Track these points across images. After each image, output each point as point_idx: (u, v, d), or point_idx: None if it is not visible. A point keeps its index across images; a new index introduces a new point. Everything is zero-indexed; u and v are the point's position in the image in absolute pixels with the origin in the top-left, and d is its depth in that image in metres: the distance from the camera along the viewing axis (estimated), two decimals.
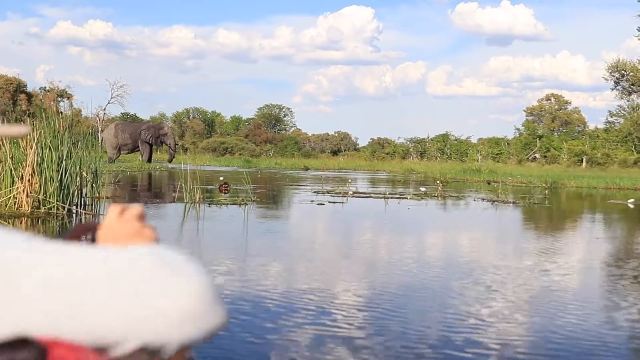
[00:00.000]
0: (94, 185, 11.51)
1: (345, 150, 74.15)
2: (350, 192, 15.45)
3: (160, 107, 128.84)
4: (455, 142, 68.00)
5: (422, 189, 16.39)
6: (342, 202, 13.04)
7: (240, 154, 59.36)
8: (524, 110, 73.40)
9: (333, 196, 14.94)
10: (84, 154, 10.13)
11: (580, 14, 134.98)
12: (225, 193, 15.54)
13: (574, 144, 59.69)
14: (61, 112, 13.08)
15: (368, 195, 15.60)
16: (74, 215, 9.08)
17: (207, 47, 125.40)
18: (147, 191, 16.99)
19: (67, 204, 8.89)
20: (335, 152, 73.25)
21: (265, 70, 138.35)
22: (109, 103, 58.50)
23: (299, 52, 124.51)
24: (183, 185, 11.40)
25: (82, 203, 10.08)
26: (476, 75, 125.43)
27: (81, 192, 10.15)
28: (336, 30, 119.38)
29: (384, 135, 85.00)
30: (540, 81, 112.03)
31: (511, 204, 14.71)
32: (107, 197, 11.80)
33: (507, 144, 65.98)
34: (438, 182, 23.39)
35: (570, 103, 72.23)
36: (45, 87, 58.39)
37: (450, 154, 64.76)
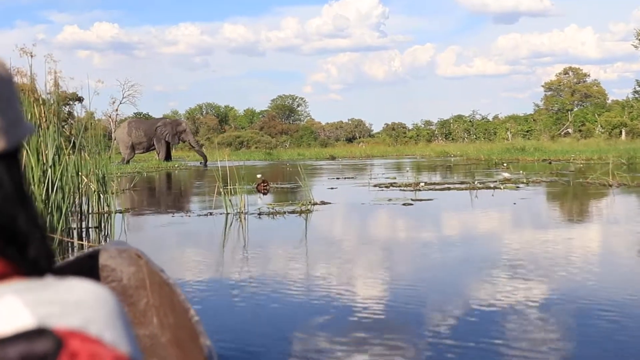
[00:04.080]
0: (101, 195, 8.56)
1: (360, 137, 71.95)
2: (422, 184, 12.32)
3: (172, 105, 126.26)
4: (482, 121, 64.94)
5: (505, 174, 13.22)
6: (429, 199, 9.87)
7: (256, 147, 57.31)
8: (542, 86, 71.14)
9: (403, 190, 11.82)
10: (81, 156, 7.10)
11: None
12: (264, 194, 12.53)
13: (611, 115, 56.12)
14: (74, 116, 10.05)
15: (444, 186, 12.44)
16: (70, 249, 5.97)
17: (214, 42, 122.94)
18: (170, 196, 13.90)
19: (58, 232, 5.81)
20: (350, 140, 71.20)
21: (273, 62, 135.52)
22: (121, 103, 55.89)
23: (306, 42, 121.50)
24: (221, 189, 8.33)
25: (84, 226, 7.07)
26: (485, 55, 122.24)
27: (81, 211, 7.12)
28: (342, 18, 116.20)
29: (398, 119, 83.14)
30: (550, 56, 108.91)
31: (636, 187, 11.51)
32: (119, 211, 8.79)
33: (534, 120, 62.83)
34: (505, 164, 20.28)
35: (589, 76, 69.14)
36: (57, 91, 55.56)
37: (478, 134, 61.64)
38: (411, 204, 9.12)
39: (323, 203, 9.45)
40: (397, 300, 3.78)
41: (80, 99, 53.40)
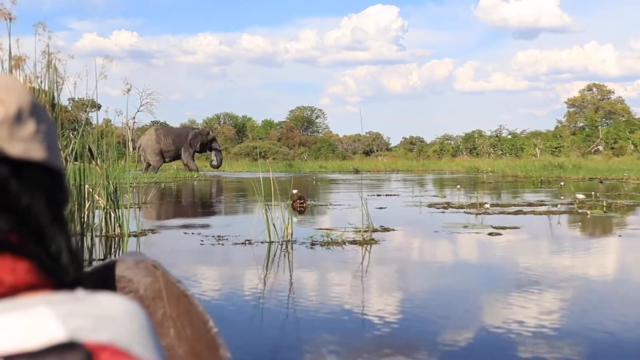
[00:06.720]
0: (111, 213, 6.91)
1: (377, 151, 70.82)
2: (487, 206, 10.50)
3: (189, 115, 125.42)
4: (509, 137, 63.09)
5: (579, 196, 11.38)
6: (515, 227, 8.00)
7: (274, 158, 56.02)
8: (565, 102, 69.57)
9: (467, 212, 10.00)
10: (86, 165, 5.40)
11: (607, 3, 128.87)
12: (300, 212, 10.80)
13: None
14: (91, 124, 8.43)
15: (514, 209, 10.59)
16: None
17: (232, 52, 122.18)
18: (196, 214, 11.81)
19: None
20: (367, 153, 70.05)
21: (291, 74, 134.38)
22: (138, 111, 54.75)
23: (324, 54, 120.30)
24: (265, 214, 6.56)
25: (86, 257, 5.34)
26: (504, 70, 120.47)
27: (83, 237, 5.39)
28: (360, 31, 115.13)
29: (415, 133, 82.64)
30: (569, 73, 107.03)
31: None
32: (134, 234, 7.05)
33: (560, 136, 61.08)
34: (562, 183, 18.39)
35: (613, 92, 67.60)
36: (74, 98, 54.54)
37: (504, 150, 59.73)
38: (499, 234, 7.28)
39: (385, 229, 7.65)
40: None
41: (97, 106, 52.25)
